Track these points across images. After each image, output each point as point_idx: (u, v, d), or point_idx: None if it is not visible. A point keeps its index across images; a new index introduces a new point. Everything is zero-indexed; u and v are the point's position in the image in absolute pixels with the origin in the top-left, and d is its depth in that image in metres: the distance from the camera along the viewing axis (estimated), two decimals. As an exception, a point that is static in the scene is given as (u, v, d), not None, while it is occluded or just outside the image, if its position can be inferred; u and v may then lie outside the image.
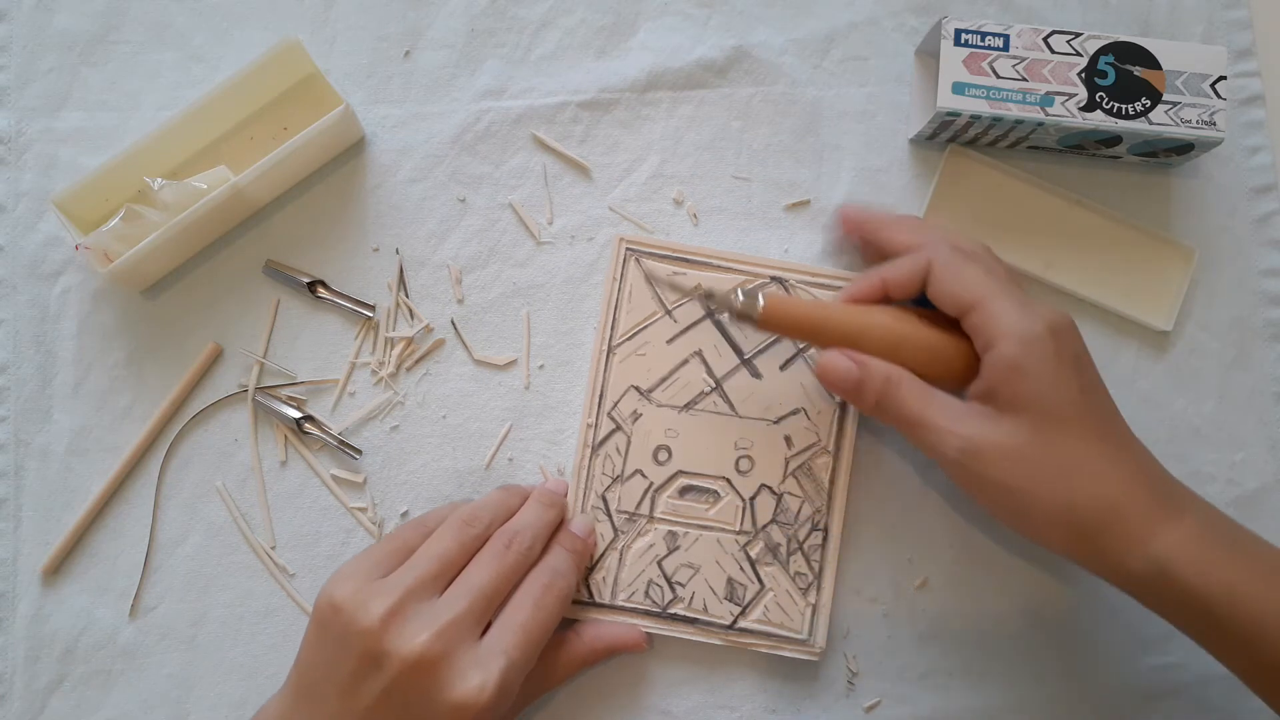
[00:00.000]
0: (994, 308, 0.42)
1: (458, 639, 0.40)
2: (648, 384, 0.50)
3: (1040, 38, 0.49)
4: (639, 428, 0.50)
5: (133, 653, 0.49)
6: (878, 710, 0.49)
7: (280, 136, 0.51)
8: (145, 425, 0.51)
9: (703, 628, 0.48)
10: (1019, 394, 0.41)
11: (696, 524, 0.49)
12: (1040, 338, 0.41)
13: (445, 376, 0.52)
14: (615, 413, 0.50)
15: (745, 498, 0.49)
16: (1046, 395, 0.41)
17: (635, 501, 0.49)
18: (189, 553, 0.50)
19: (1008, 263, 0.47)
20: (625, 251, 0.51)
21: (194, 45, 0.54)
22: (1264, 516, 0.52)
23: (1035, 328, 0.41)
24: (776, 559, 0.49)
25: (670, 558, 0.49)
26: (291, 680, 0.42)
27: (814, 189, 0.54)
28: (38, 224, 0.52)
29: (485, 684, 0.39)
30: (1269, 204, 0.54)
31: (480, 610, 0.41)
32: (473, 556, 0.44)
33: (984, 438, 0.41)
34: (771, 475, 0.49)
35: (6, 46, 0.54)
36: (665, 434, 0.50)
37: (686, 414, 0.50)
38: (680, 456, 0.49)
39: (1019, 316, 0.41)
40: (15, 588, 0.50)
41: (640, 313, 0.51)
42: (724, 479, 0.49)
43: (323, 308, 0.52)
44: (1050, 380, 0.41)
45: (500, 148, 0.54)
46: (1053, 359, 0.41)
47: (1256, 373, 0.53)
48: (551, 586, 0.44)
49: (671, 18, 0.55)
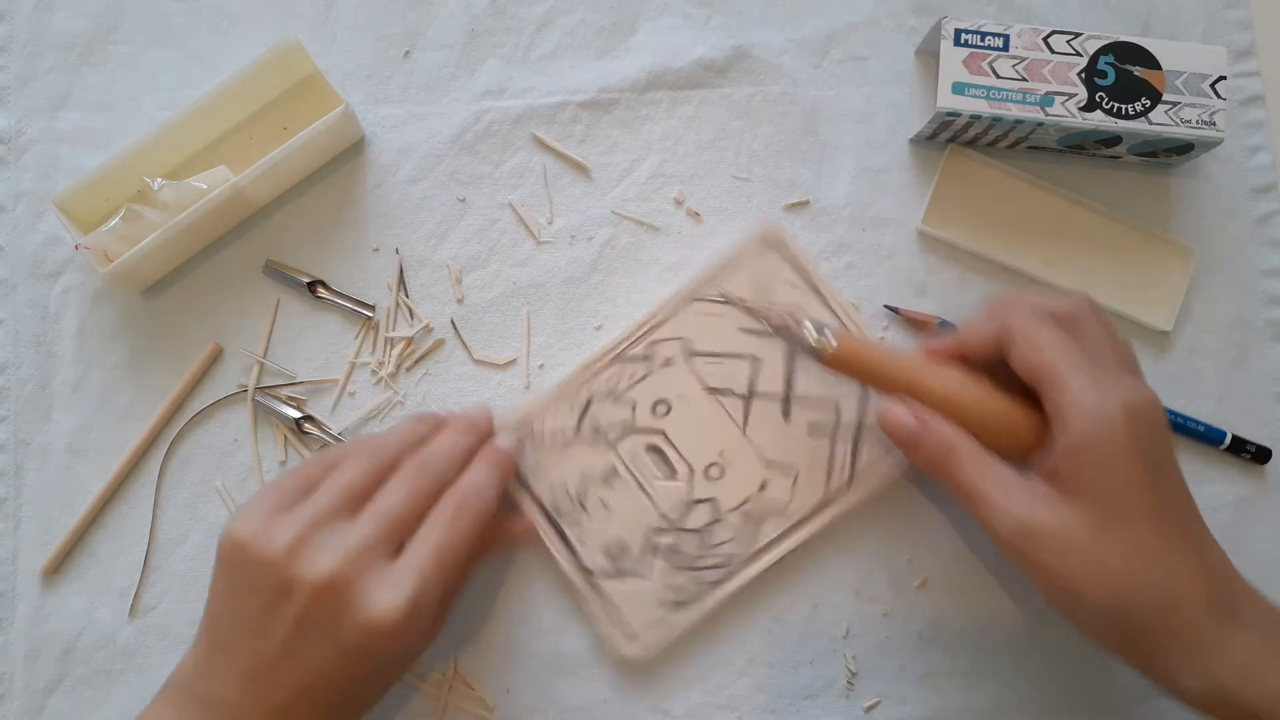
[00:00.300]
0: (1070, 383, 0.39)
1: (367, 560, 0.39)
2: (697, 347, 0.50)
3: (1040, 38, 0.50)
4: (661, 373, 0.50)
5: (133, 653, 0.49)
6: (878, 710, 0.49)
7: (280, 136, 0.51)
8: (145, 425, 0.51)
9: (571, 561, 0.48)
10: (1084, 480, 0.39)
11: (639, 480, 0.49)
12: (1114, 422, 0.39)
13: (445, 376, 0.52)
14: (653, 349, 0.50)
15: (691, 497, 0.49)
16: (1113, 485, 0.39)
17: (609, 423, 0.49)
18: (189, 553, 0.50)
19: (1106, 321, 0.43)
20: (764, 238, 0.51)
21: (194, 45, 0.54)
22: (1265, 517, 0.52)
23: (1110, 411, 0.39)
24: (671, 561, 0.48)
25: (598, 485, 0.49)
26: (202, 631, 0.41)
27: (814, 189, 0.54)
28: (38, 224, 0.52)
29: (395, 602, 0.38)
30: (1269, 204, 0.54)
31: (390, 532, 0.40)
32: (382, 485, 0.42)
33: (1039, 522, 0.39)
34: (727, 499, 0.49)
35: (6, 46, 0.54)
36: (677, 395, 0.50)
37: (705, 394, 0.50)
38: (672, 422, 0.49)
39: (1095, 396, 0.39)
40: (15, 588, 0.50)
41: (737, 289, 0.50)
42: (690, 467, 0.49)
43: (323, 308, 0.52)
44: (1119, 469, 0.39)
45: (500, 148, 0.54)
46: (1125, 446, 0.38)
47: (1256, 373, 0.53)
48: (465, 506, 0.42)
49: (671, 18, 0.55)
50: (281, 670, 0.39)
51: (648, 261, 0.53)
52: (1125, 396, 0.39)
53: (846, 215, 0.53)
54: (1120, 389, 0.40)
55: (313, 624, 0.38)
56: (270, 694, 0.39)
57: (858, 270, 0.53)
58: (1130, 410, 0.39)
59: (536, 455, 0.49)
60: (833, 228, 0.53)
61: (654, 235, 0.53)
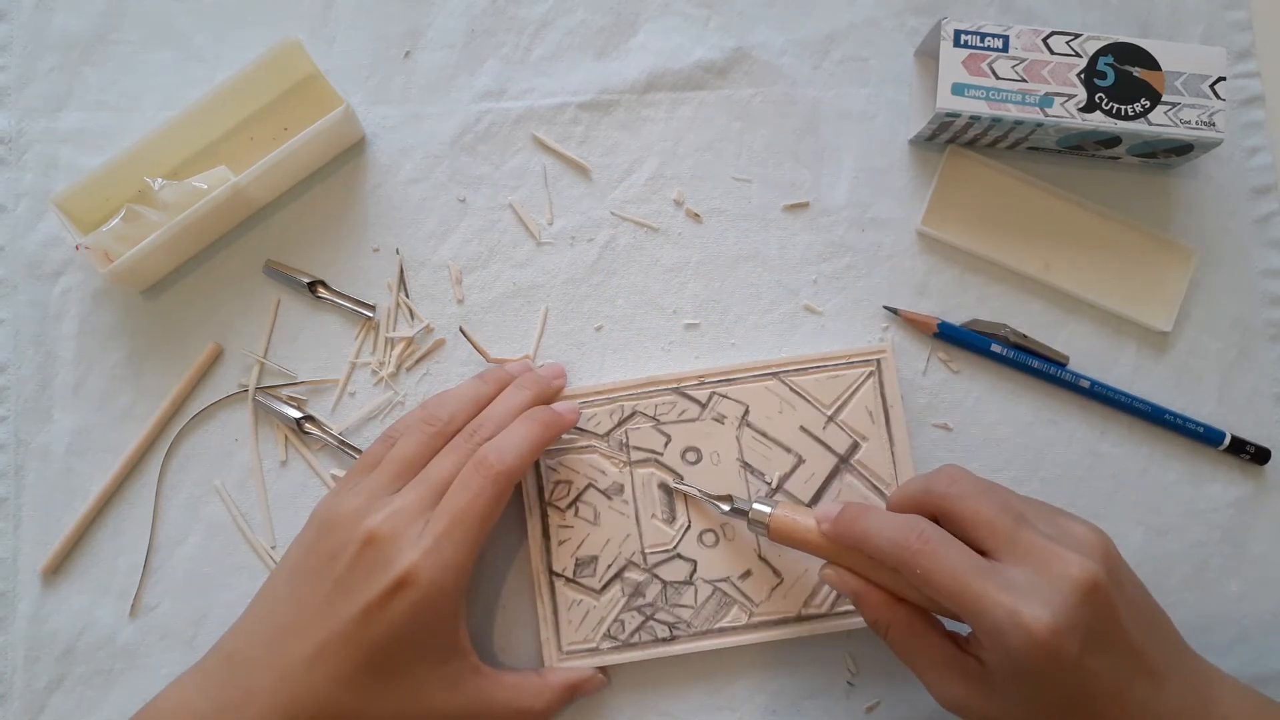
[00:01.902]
0: (977, 625, 0.37)
1: (404, 523, 0.42)
2: (753, 421, 0.49)
3: (1040, 38, 0.50)
4: (710, 425, 0.49)
5: (133, 652, 0.49)
6: (878, 711, 0.49)
7: (280, 136, 0.51)
8: (145, 425, 0.51)
9: (543, 555, 0.48)
10: (1015, 692, 0.38)
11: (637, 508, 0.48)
12: (1031, 662, 0.36)
13: (445, 376, 0.52)
14: (714, 393, 0.50)
15: (677, 550, 0.48)
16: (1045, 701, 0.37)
17: (638, 445, 0.49)
18: (189, 553, 0.50)
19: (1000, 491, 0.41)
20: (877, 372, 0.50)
21: (194, 45, 0.54)
22: (1265, 517, 0.52)
23: (1024, 653, 0.36)
24: (628, 597, 0.48)
25: (598, 494, 0.49)
26: (283, 568, 0.44)
27: (814, 189, 0.54)
28: (38, 224, 0.52)
29: (415, 562, 0.41)
30: (1269, 204, 0.54)
31: (428, 497, 0.43)
32: (438, 451, 0.45)
33: (970, 707, 0.39)
34: (708, 569, 0.48)
35: (6, 46, 0.54)
36: (711, 452, 0.49)
37: (738, 465, 0.49)
38: (695, 474, 0.49)
39: (1008, 635, 0.36)
40: (15, 588, 0.49)
41: (822, 394, 0.50)
42: (689, 523, 0.49)
43: (323, 308, 0.52)
44: (1053, 689, 0.37)
45: (500, 148, 0.54)
46: (1047, 673, 0.36)
47: (1256, 373, 0.53)
48: (483, 464, 0.43)
49: (671, 18, 0.55)
50: (310, 625, 0.41)
51: (648, 263, 0.53)
52: (1039, 618, 0.36)
53: (846, 216, 0.53)
54: (1045, 595, 0.36)
55: (361, 568, 0.42)
56: (292, 647, 0.41)
57: (858, 270, 0.53)
58: (1046, 639, 0.36)
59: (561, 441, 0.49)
60: (833, 228, 0.53)
61: (654, 236, 0.53)
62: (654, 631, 0.48)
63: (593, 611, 0.48)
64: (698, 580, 0.48)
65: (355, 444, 0.50)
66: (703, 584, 0.48)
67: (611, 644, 0.48)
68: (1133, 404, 0.52)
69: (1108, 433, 0.52)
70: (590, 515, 0.49)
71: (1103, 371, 0.53)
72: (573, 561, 0.48)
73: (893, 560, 0.40)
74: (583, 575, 0.48)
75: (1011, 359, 0.52)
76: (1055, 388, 0.52)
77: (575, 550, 0.48)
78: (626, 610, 0.48)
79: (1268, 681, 0.50)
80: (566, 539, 0.48)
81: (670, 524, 0.49)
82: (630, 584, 0.48)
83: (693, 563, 0.48)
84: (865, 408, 0.50)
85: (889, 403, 0.50)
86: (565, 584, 0.48)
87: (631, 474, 0.49)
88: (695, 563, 0.48)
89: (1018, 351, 0.52)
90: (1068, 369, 0.52)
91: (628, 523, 0.49)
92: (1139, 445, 0.52)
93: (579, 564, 0.48)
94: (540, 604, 0.48)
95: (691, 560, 0.49)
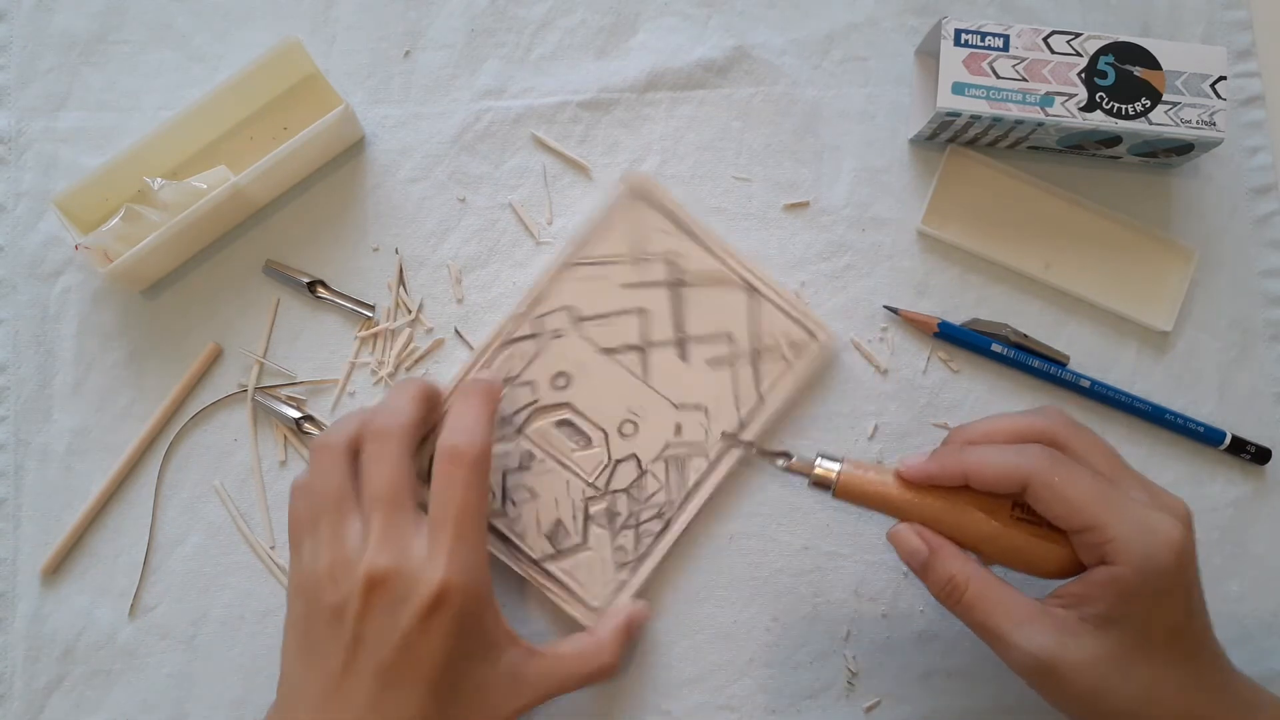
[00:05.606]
0: (1113, 532, 0.38)
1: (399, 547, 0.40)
2: (583, 313, 0.50)
3: (1040, 38, 0.49)
4: (553, 346, 0.50)
5: (132, 653, 0.49)
6: (877, 710, 0.49)
7: (280, 136, 0.51)
8: (145, 425, 0.51)
9: (512, 551, 0.48)
10: (1121, 613, 0.38)
11: (556, 457, 0.49)
12: (1163, 569, 0.38)
13: (445, 377, 0.52)
14: (540, 323, 0.50)
15: (612, 458, 0.49)
16: (1152, 622, 0.38)
17: (514, 409, 0.49)
18: (188, 553, 0.50)
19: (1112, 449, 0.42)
20: (630, 188, 0.51)
21: (194, 45, 0.54)
22: (1265, 517, 0.52)
23: (1160, 558, 0.38)
24: (609, 526, 0.49)
25: (516, 474, 0.49)
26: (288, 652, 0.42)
27: (814, 189, 0.54)
28: (38, 224, 0.52)
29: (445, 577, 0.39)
30: (1269, 204, 0.54)
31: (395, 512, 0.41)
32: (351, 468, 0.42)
33: (1060, 657, 0.38)
34: (646, 451, 0.49)
35: (6, 46, 0.54)
36: (573, 364, 0.50)
37: (602, 356, 0.50)
38: (575, 391, 0.50)
39: (1142, 542, 0.38)
40: (15, 588, 0.50)
41: (610, 247, 0.51)
42: (603, 431, 0.49)
43: (323, 308, 0.52)
44: (1162, 609, 0.38)
45: (500, 148, 0.54)
46: (1170, 588, 0.38)
47: (1256, 373, 0.53)
48: (454, 455, 0.41)
49: (671, 18, 0.55)
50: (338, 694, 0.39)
51: (648, 261, 0.53)
52: (1171, 537, 0.38)
53: (846, 215, 0.53)
54: (1164, 528, 0.38)
55: (370, 628, 0.39)
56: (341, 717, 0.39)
57: (858, 270, 0.53)
58: (1179, 553, 0.38)
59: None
60: (833, 228, 0.53)
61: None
62: (651, 530, 0.48)
63: (592, 561, 0.48)
64: (648, 467, 0.49)
65: (355, 444, 0.50)
66: (652, 466, 0.49)
67: (628, 570, 0.48)
68: (1133, 404, 0.52)
69: (1108, 433, 0.52)
70: (525, 495, 0.49)
71: (1103, 371, 0.52)
72: (544, 540, 0.48)
73: (1016, 483, 0.39)
74: (562, 543, 0.48)
75: (1012, 359, 0.52)
76: (1055, 388, 0.52)
77: (538, 529, 0.48)
78: (616, 536, 0.48)
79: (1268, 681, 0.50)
80: (523, 529, 0.48)
81: (590, 446, 0.49)
82: (602, 515, 0.49)
83: (631, 457, 0.49)
84: (656, 230, 0.51)
85: (670, 210, 0.51)
86: (553, 560, 0.48)
87: (528, 436, 0.49)
88: (634, 455, 0.49)
89: (1018, 351, 0.52)
90: (1068, 369, 0.52)
91: (559, 475, 0.49)
92: (1139, 445, 0.52)
93: (551, 536, 0.48)
94: (548, 593, 0.48)
95: (629, 456, 0.49)
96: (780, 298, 0.51)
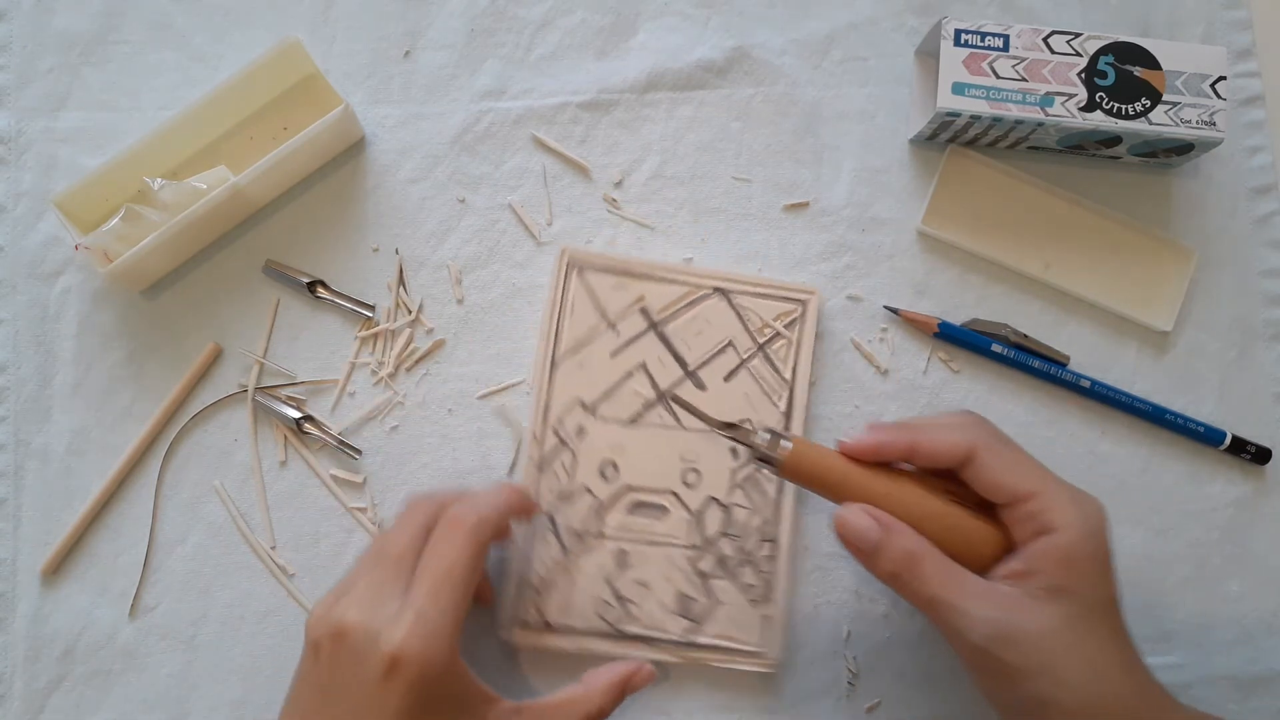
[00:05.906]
0: (1053, 499, 0.40)
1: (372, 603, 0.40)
2: (592, 397, 0.50)
3: (1040, 38, 0.49)
4: (585, 444, 0.49)
5: (133, 653, 0.49)
6: (878, 711, 0.49)
7: (280, 136, 0.51)
8: (145, 425, 0.51)
9: (657, 645, 0.48)
10: (1067, 583, 0.40)
11: (646, 540, 0.49)
12: (1097, 533, 0.40)
13: (445, 377, 0.52)
14: (561, 428, 0.50)
15: (693, 511, 0.49)
16: (1094, 588, 0.40)
17: (583, 519, 0.49)
18: (189, 553, 0.50)
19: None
20: (569, 264, 0.51)
21: (194, 45, 0.54)
22: (1265, 517, 0.52)
23: (1093, 523, 0.41)
24: (727, 572, 0.48)
25: (621, 576, 0.48)
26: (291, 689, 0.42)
27: (814, 189, 0.54)
28: (38, 224, 0.52)
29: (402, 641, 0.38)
30: (1269, 204, 0.54)
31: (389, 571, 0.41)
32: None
33: (1015, 623, 0.39)
34: (718, 487, 0.49)
35: (6, 46, 0.54)
36: (611, 449, 0.49)
37: (632, 428, 0.50)
38: (627, 471, 0.49)
39: (1078, 509, 0.40)
40: (15, 588, 0.50)
41: (583, 325, 0.50)
42: (671, 493, 0.49)
43: (322, 308, 0.52)
44: (1099, 574, 0.40)
45: (500, 148, 0.54)
46: (1103, 553, 0.41)
47: (1256, 373, 0.53)
48: (456, 521, 0.42)
49: (671, 18, 0.55)
50: None
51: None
52: (1099, 507, 0.41)
53: (846, 216, 0.53)
54: (1091, 500, 0.41)
55: (334, 680, 0.39)
56: None
57: (858, 270, 0.53)
58: (1106, 525, 0.41)
59: (551, 596, 0.48)
60: (833, 228, 0.53)
61: (654, 236, 0.53)
62: (765, 555, 0.49)
63: (730, 611, 0.48)
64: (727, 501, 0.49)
65: (354, 444, 0.50)
66: (730, 497, 0.49)
67: (768, 605, 0.48)
68: (1133, 404, 0.52)
69: (1108, 433, 0.52)
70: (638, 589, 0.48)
71: (1103, 371, 0.52)
72: (678, 619, 0.48)
73: (962, 453, 0.41)
74: (695, 612, 0.48)
75: (1012, 359, 0.52)
76: (1055, 388, 0.52)
77: (666, 611, 0.48)
78: (740, 578, 0.48)
79: (1268, 681, 0.50)
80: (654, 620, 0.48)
81: (668, 513, 0.49)
82: (715, 567, 0.48)
83: (708, 500, 0.49)
84: (612, 290, 0.51)
85: (609, 266, 0.51)
86: (697, 631, 0.48)
87: (609, 537, 0.49)
88: (711, 498, 0.49)
89: (1018, 351, 0.52)
90: (1068, 369, 0.52)
91: (657, 554, 0.49)
92: (1139, 445, 0.52)
93: (683, 612, 0.48)
94: (714, 663, 0.48)
95: (706, 500, 0.49)
96: (751, 285, 0.51)
